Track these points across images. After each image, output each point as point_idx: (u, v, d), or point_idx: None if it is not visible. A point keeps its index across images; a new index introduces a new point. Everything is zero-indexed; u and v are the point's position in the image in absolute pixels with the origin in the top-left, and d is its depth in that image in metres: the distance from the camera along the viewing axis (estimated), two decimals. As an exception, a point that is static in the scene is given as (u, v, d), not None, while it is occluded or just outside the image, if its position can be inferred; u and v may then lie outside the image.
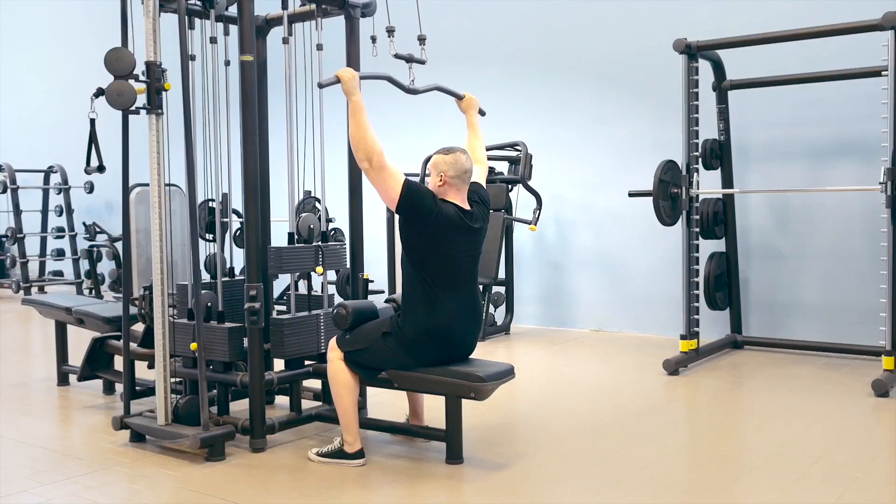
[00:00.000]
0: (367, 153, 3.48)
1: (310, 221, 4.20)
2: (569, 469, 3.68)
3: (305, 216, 4.21)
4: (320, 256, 4.18)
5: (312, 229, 4.21)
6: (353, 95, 3.58)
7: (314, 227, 4.22)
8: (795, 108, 6.46)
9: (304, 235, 4.19)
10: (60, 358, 5.40)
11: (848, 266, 6.22)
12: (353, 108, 3.55)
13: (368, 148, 3.47)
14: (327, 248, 4.23)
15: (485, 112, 4.22)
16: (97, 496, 3.39)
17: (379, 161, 3.49)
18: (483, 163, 4.01)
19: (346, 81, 3.60)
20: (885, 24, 5.00)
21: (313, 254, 4.17)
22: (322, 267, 4.17)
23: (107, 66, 3.72)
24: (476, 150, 4.02)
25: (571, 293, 7.62)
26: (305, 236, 4.19)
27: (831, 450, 3.87)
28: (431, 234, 3.54)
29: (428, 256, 3.57)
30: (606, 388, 5.24)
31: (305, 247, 4.16)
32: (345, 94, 3.61)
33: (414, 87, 4.07)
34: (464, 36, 8.13)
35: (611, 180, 7.24)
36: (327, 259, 4.21)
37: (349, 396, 3.70)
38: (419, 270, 3.59)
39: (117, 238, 9.23)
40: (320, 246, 4.20)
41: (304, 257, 4.14)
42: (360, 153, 3.49)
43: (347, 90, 3.59)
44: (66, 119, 11.32)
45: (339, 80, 3.62)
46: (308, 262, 4.15)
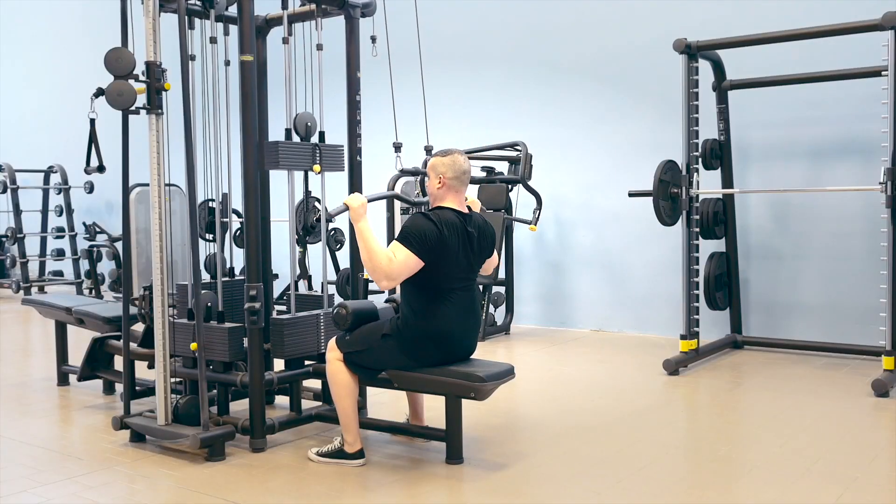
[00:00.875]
0: (386, 275, 3.48)
1: (307, 119, 4.13)
2: (569, 469, 3.68)
3: (302, 114, 4.12)
4: (318, 155, 4.10)
5: (310, 127, 4.14)
6: (359, 222, 3.58)
7: (311, 124, 4.15)
8: (795, 108, 6.46)
9: (301, 133, 4.11)
10: (60, 358, 5.40)
11: (848, 266, 6.22)
12: (359, 234, 3.55)
13: (385, 271, 3.47)
14: (325, 146, 4.16)
15: None
16: (97, 496, 3.39)
17: (398, 272, 3.49)
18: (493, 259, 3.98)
19: (354, 209, 3.61)
20: (885, 24, 5.00)
21: (311, 152, 4.09)
22: (319, 165, 4.09)
23: (107, 66, 3.72)
24: None
25: (571, 293, 7.62)
26: (303, 134, 4.11)
27: (831, 450, 3.87)
28: (439, 252, 3.55)
29: (429, 266, 3.56)
30: (606, 388, 5.24)
31: (303, 144, 4.09)
32: (352, 222, 3.63)
33: (420, 199, 4.06)
34: (464, 36, 8.13)
35: (611, 180, 7.24)
36: (325, 158, 4.13)
37: (349, 397, 3.70)
38: (419, 275, 3.58)
39: (117, 238, 9.23)
40: (318, 144, 4.13)
41: (301, 154, 4.05)
42: (379, 275, 3.49)
43: (354, 218, 3.61)
44: (66, 119, 11.32)
45: (347, 207, 3.64)
46: (306, 160, 4.06)
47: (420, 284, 3.57)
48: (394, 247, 3.52)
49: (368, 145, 4.70)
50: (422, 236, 3.51)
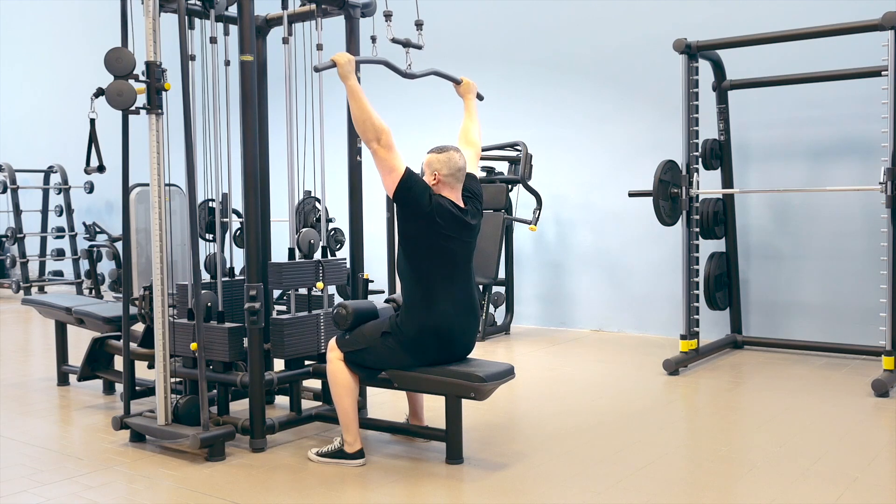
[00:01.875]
0: (376, 132, 3.49)
1: (310, 237, 4.21)
2: (569, 469, 3.68)
3: (305, 231, 4.22)
4: (321, 272, 4.19)
5: (313, 244, 4.22)
6: (349, 80, 3.58)
7: (314, 242, 4.23)
8: (795, 108, 6.46)
9: (304, 251, 4.20)
10: (60, 358, 5.41)
11: (848, 266, 6.22)
12: (350, 91, 3.56)
13: (376, 126, 3.49)
14: (328, 262, 4.24)
15: (483, 97, 4.22)
16: (97, 496, 3.39)
17: (388, 140, 3.51)
18: (476, 145, 4.01)
19: (341, 66, 3.59)
20: (885, 24, 5.00)
21: (314, 269, 4.18)
22: (322, 282, 4.18)
23: (107, 66, 3.73)
24: (470, 132, 4.03)
25: (571, 293, 7.62)
26: (305, 251, 4.20)
27: (831, 450, 3.87)
28: (426, 226, 3.55)
29: (423, 250, 3.57)
30: (606, 388, 5.24)
31: (306, 262, 4.17)
32: (341, 79, 3.61)
33: (411, 71, 4.07)
34: (464, 36, 8.13)
35: (611, 180, 7.24)
36: (328, 274, 4.22)
37: (349, 397, 3.70)
38: (415, 267, 3.60)
39: (117, 238, 9.23)
40: (321, 261, 4.21)
41: (304, 273, 4.15)
42: (369, 133, 3.49)
43: (343, 74, 3.59)
44: (65, 119, 11.33)
45: (335, 64, 3.62)
46: (309, 278, 4.16)
47: (418, 276, 3.57)
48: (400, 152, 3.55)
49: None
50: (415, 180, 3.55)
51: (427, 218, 3.55)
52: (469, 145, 3.93)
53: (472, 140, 4.00)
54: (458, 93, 4.20)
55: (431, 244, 3.57)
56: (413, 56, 4.15)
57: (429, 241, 3.57)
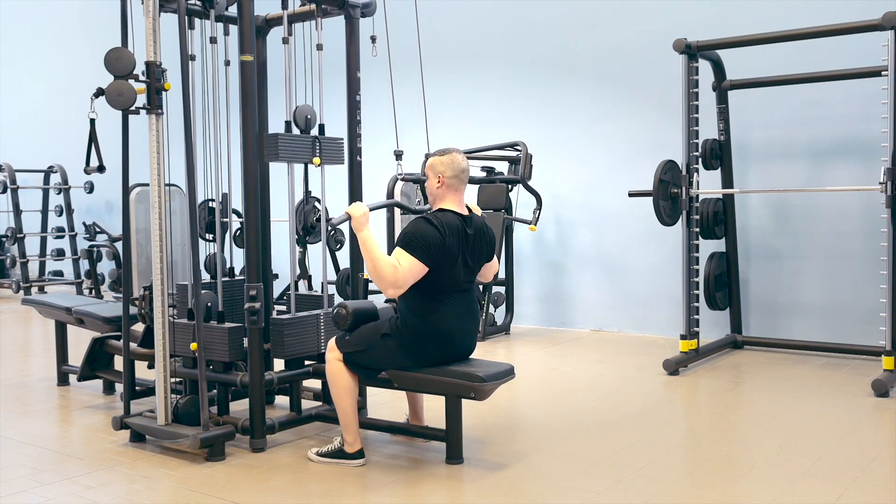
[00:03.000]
0: (392, 284, 3.47)
1: (306, 111, 4.12)
2: (569, 469, 3.68)
3: (302, 106, 4.11)
4: (318, 147, 4.08)
5: (310, 119, 4.13)
6: (362, 232, 3.57)
7: (311, 117, 4.14)
8: (795, 108, 6.46)
9: (301, 125, 4.10)
10: (60, 358, 5.40)
11: (848, 266, 6.21)
12: (363, 243, 3.55)
13: (390, 280, 3.46)
14: (325, 139, 4.15)
15: None
16: (97, 496, 3.39)
17: (404, 280, 3.48)
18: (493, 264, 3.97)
19: (356, 219, 3.60)
20: (885, 24, 5.00)
21: (311, 144, 4.08)
22: (319, 158, 4.08)
23: (107, 66, 3.73)
24: None
25: (571, 293, 7.62)
26: (303, 126, 4.09)
27: (831, 450, 3.87)
28: (441, 256, 3.55)
29: (431, 270, 3.55)
30: (606, 388, 5.24)
31: (303, 136, 4.08)
32: (354, 230, 3.63)
33: (421, 206, 4.05)
34: (464, 36, 8.13)
35: (611, 180, 7.24)
36: (325, 151, 4.12)
37: (349, 397, 3.70)
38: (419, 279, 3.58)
39: (117, 238, 9.23)
40: (318, 137, 4.12)
41: (301, 146, 4.04)
42: (385, 284, 3.48)
43: (356, 227, 3.60)
44: (66, 119, 11.32)
45: (349, 216, 3.63)
46: (305, 153, 4.05)
47: (419, 286, 3.56)
48: (397, 254, 3.50)
49: (368, 144, 4.70)
50: (425, 242, 3.49)
51: (444, 252, 3.55)
52: None
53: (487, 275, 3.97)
54: None
55: (438, 264, 3.56)
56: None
57: (436, 263, 3.56)
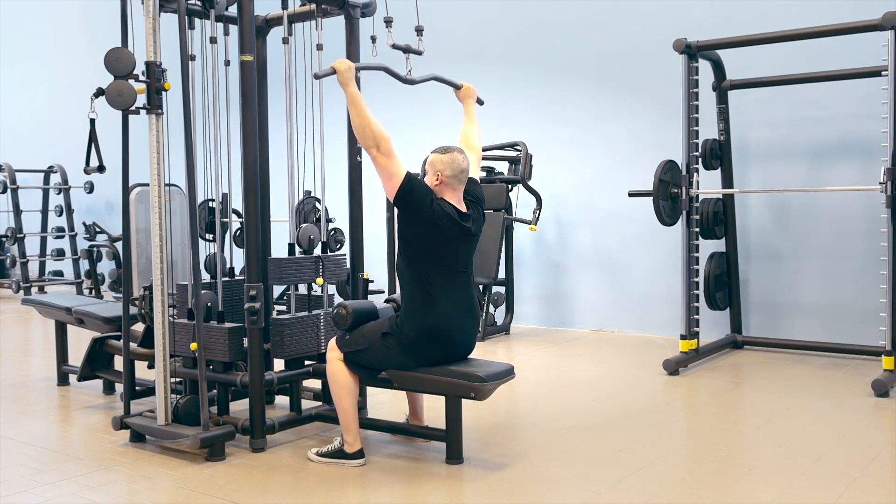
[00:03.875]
0: (375, 139, 3.50)
1: (310, 232, 4.21)
2: (569, 469, 3.68)
3: (305, 227, 4.21)
4: (321, 267, 4.18)
5: (312, 240, 4.21)
6: (349, 87, 3.59)
7: (314, 237, 4.22)
8: (795, 108, 6.46)
9: (304, 246, 4.19)
10: (60, 358, 5.40)
11: (848, 266, 6.22)
12: (350, 98, 3.58)
13: (375, 133, 3.49)
14: (328, 258, 4.23)
15: (483, 101, 4.23)
16: (97, 496, 3.39)
17: (387, 147, 3.51)
18: (477, 150, 4.02)
19: (341, 73, 3.60)
20: (885, 24, 5.00)
21: (314, 265, 4.17)
22: (322, 278, 4.18)
23: (107, 66, 3.73)
24: (471, 136, 4.04)
25: (571, 293, 7.62)
26: (305, 247, 4.19)
27: (831, 450, 3.87)
28: (427, 231, 3.55)
29: (423, 254, 3.57)
30: (606, 388, 5.24)
31: (306, 258, 4.17)
32: (341, 86, 3.62)
33: (411, 77, 4.08)
34: (464, 36, 8.13)
35: (611, 180, 7.24)
36: (328, 270, 4.21)
37: (349, 397, 3.70)
38: (415, 269, 3.60)
39: (117, 238, 9.23)
40: (320, 257, 4.20)
41: (304, 268, 4.14)
42: (368, 140, 3.50)
43: (343, 81, 3.60)
44: (66, 119, 11.33)
45: (335, 71, 3.63)
46: (308, 274, 4.15)
47: (418, 278, 3.57)
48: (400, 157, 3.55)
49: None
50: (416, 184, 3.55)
51: (428, 222, 3.55)
52: (470, 149, 3.93)
53: (472, 144, 4.00)
54: (458, 98, 4.20)
55: (431, 247, 3.58)
56: (413, 59, 4.15)
57: (429, 244, 3.57)
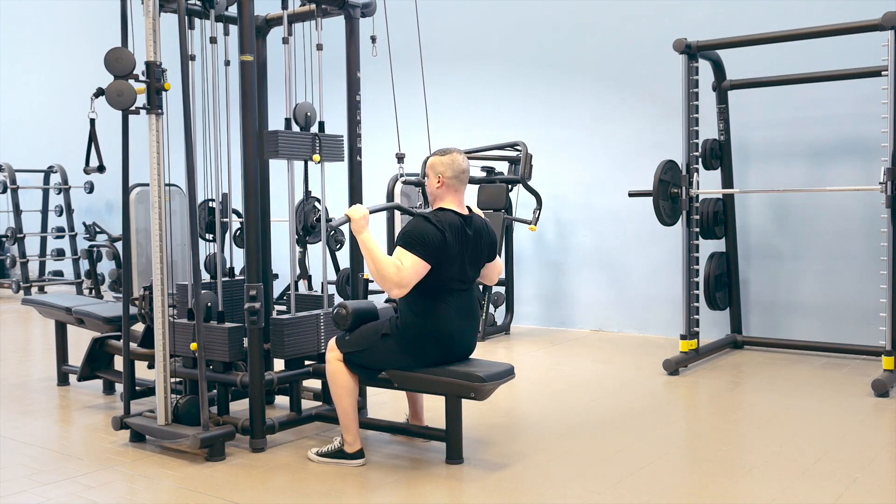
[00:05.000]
0: (397, 284, 3.46)
1: (306, 109, 4.13)
2: (569, 469, 3.68)
3: (302, 103, 4.11)
4: (317, 145, 4.09)
5: (309, 117, 4.13)
6: (362, 234, 3.56)
7: (311, 114, 4.14)
8: (795, 108, 6.46)
9: (301, 123, 4.10)
10: (60, 358, 5.40)
11: (848, 266, 6.21)
12: (363, 245, 3.54)
13: (394, 280, 3.45)
14: (325, 136, 4.16)
15: None
16: (97, 496, 3.39)
17: (408, 279, 3.47)
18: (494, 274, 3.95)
19: (355, 221, 3.58)
20: (885, 24, 5.00)
21: (310, 141, 4.08)
22: (319, 155, 4.08)
23: (107, 66, 3.73)
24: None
25: (571, 293, 7.61)
26: (302, 124, 4.10)
27: (831, 450, 3.87)
28: (442, 254, 3.54)
29: (432, 268, 3.55)
30: (606, 388, 5.24)
31: (303, 133, 4.08)
32: (354, 233, 3.61)
33: (422, 210, 4.05)
34: (464, 36, 8.13)
35: (611, 180, 7.24)
36: (325, 148, 4.12)
37: (349, 397, 3.70)
38: None
39: (117, 238, 9.23)
40: (318, 134, 4.12)
41: (301, 143, 4.04)
42: (389, 285, 3.46)
43: (356, 229, 3.58)
44: (65, 119, 11.32)
45: (349, 218, 3.62)
46: (305, 150, 4.05)
47: (419, 286, 3.56)
48: (399, 254, 3.50)
49: (368, 144, 4.70)
50: (426, 240, 3.49)
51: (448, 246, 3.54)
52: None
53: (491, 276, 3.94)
54: None
55: (441, 260, 3.55)
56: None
57: (441, 259, 3.55)
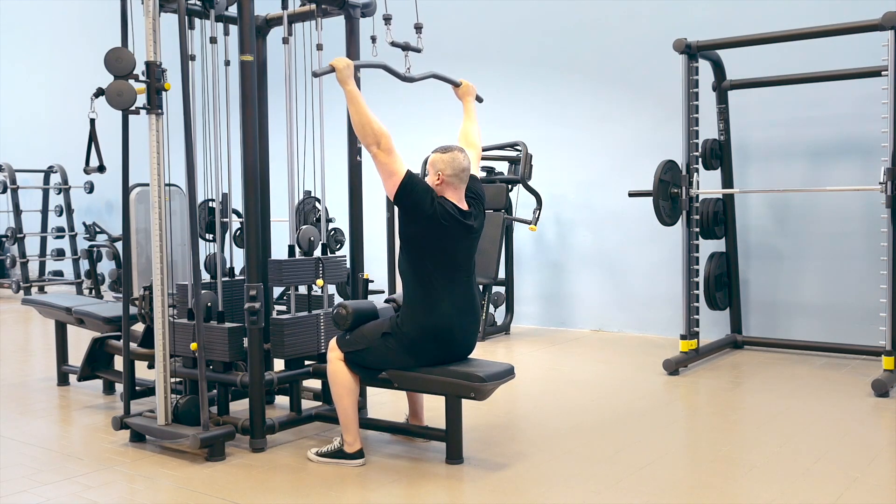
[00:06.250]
0: (376, 136, 3.49)
1: (310, 234, 4.20)
2: (569, 469, 3.68)
3: (305, 229, 4.21)
4: (321, 269, 4.18)
5: (313, 241, 4.21)
6: (348, 84, 3.58)
7: (314, 239, 4.22)
8: (795, 108, 6.46)
9: (304, 248, 4.19)
10: (60, 358, 5.40)
11: (848, 266, 6.22)
12: (349, 96, 3.57)
13: (376, 131, 3.49)
14: (328, 260, 4.23)
15: (482, 98, 4.22)
16: (97, 496, 3.39)
17: (387, 144, 3.50)
18: (476, 147, 4.02)
19: (340, 70, 3.59)
20: (885, 24, 5.00)
21: (314, 267, 4.17)
22: (322, 280, 4.17)
23: (107, 66, 3.73)
24: (470, 133, 4.04)
25: (571, 293, 7.62)
26: (306, 249, 4.19)
27: (831, 450, 3.87)
28: (428, 230, 3.55)
29: (424, 252, 3.57)
30: (606, 388, 5.24)
31: (306, 259, 4.16)
32: (339, 84, 3.61)
33: (410, 74, 4.07)
34: (464, 36, 8.13)
35: (611, 180, 7.24)
36: (328, 272, 4.21)
37: (349, 397, 3.70)
38: (416, 268, 3.60)
39: (117, 238, 9.23)
40: (321, 259, 4.20)
41: (304, 270, 4.14)
42: (369, 137, 3.49)
43: (342, 79, 3.59)
44: (65, 119, 11.33)
45: (333, 69, 3.62)
46: (308, 275, 4.15)
47: (419, 277, 3.57)
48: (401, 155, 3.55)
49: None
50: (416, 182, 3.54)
51: (429, 220, 3.55)
52: (469, 147, 3.93)
53: (472, 142, 4.00)
54: (458, 95, 4.20)
55: (433, 246, 3.57)
56: (412, 58, 4.15)
57: (430, 243, 3.57)
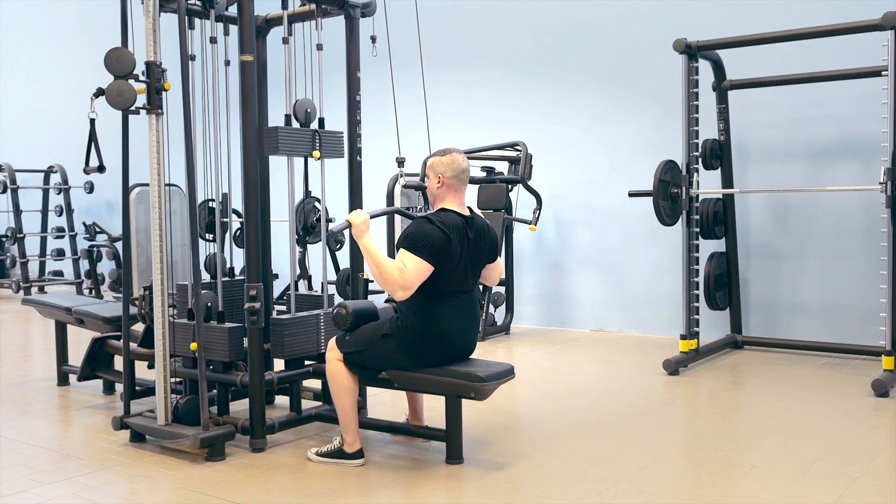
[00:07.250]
0: (401, 286, 3.45)
1: (306, 105, 4.13)
2: (569, 469, 3.68)
3: (302, 100, 4.11)
4: (317, 141, 4.08)
5: (310, 113, 4.13)
6: (363, 239, 3.55)
7: (311, 111, 4.14)
8: (795, 108, 6.46)
9: (300, 119, 4.10)
10: (60, 358, 5.40)
11: (848, 266, 6.21)
12: (364, 250, 3.53)
13: (398, 282, 3.44)
14: (325, 132, 4.16)
15: None
16: (97, 496, 3.40)
17: (412, 281, 3.46)
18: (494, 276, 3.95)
19: (356, 226, 3.58)
20: (885, 24, 5.00)
21: (310, 137, 4.07)
22: (319, 151, 4.08)
23: (107, 66, 3.73)
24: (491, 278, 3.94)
25: (571, 293, 7.62)
26: (302, 120, 4.10)
27: (831, 450, 3.87)
28: (445, 256, 3.54)
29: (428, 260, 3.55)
30: (606, 388, 5.24)
31: (303, 129, 4.08)
32: (354, 238, 3.61)
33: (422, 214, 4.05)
34: (464, 36, 8.13)
35: (611, 180, 7.24)
36: (325, 145, 4.12)
37: (348, 397, 3.70)
38: None
39: (117, 238, 9.23)
40: (317, 130, 4.12)
41: (301, 140, 4.04)
42: (393, 287, 3.45)
43: (357, 234, 3.58)
44: (65, 119, 11.33)
45: (350, 224, 3.61)
46: (305, 146, 4.05)
47: (420, 287, 3.56)
48: (402, 256, 3.49)
49: (368, 144, 4.70)
50: (429, 241, 3.49)
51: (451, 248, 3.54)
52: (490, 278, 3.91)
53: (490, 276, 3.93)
54: None
55: (445, 262, 3.55)
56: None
57: (444, 261, 3.55)
